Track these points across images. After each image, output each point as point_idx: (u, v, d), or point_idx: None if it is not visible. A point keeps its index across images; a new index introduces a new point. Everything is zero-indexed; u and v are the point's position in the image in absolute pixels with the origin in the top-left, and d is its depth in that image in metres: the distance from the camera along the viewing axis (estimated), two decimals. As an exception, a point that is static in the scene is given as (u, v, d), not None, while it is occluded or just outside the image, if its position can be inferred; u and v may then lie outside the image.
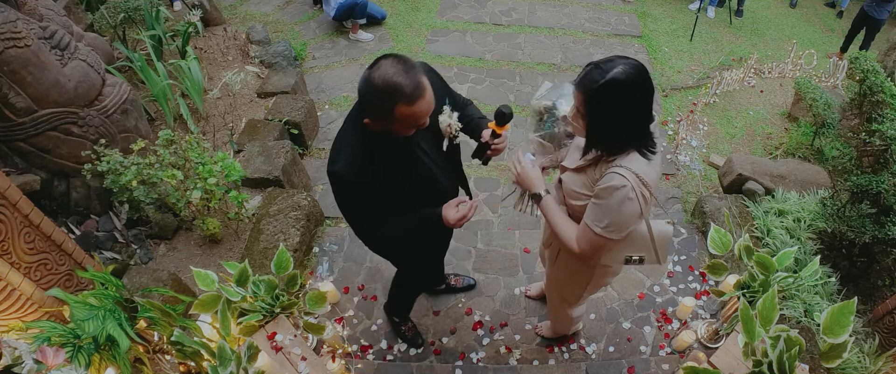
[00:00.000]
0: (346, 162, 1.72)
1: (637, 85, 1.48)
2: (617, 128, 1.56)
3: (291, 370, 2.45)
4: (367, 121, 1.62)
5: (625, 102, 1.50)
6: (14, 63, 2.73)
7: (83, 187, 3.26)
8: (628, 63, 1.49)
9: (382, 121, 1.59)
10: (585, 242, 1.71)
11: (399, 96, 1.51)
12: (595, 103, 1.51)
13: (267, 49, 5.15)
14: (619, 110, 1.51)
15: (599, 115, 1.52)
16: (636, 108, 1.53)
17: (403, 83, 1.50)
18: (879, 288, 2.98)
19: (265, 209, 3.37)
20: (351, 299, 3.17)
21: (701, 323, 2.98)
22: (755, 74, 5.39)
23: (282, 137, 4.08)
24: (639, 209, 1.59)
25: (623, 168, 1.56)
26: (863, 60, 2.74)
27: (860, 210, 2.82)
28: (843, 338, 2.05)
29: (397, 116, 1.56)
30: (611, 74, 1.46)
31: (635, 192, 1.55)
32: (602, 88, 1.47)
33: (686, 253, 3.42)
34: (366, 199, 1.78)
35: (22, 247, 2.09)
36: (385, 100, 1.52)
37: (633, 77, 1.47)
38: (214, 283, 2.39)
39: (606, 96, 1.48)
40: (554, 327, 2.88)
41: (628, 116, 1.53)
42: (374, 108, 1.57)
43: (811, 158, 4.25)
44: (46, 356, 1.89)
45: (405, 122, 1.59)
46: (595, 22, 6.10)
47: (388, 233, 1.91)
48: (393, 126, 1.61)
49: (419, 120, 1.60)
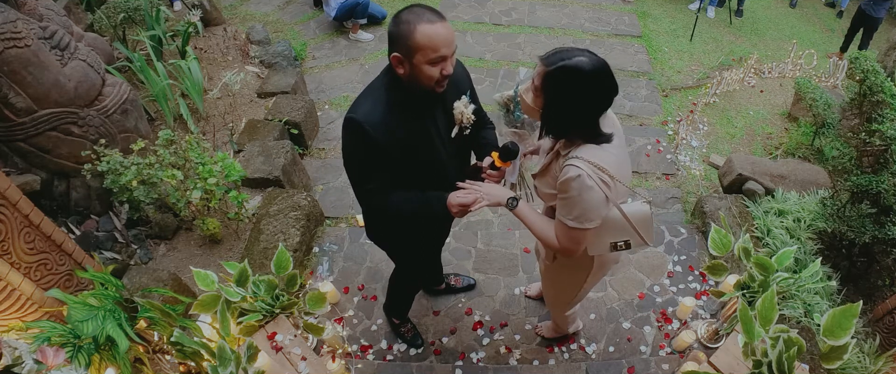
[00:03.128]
0: (367, 111, 1.74)
1: (595, 78, 1.56)
2: (565, 113, 1.63)
3: (291, 370, 2.45)
4: (394, 56, 1.68)
5: (578, 90, 1.57)
6: (14, 63, 2.73)
7: (83, 187, 3.26)
8: (595, 58, 1.57)
9: (407, 51, 1.64)
10: (563, 236, 1.77)
11: (422, 17, 1.62)
12: (551, 81, 1.58)
13: (267, 49, 5.15)
14: (571, 96, 1.59)
15: (552, 94, 1.60)
16: (588, 100, 1.60)
17: (426, 10, 1.65)
18: (879, 288, 2.98)
19: (265, 209, 3.37)
20: (351, 299, 3.17)
21: (701, 323, 2.98)
22: (755, 74, 5.39)
23: (282, 137, 4.08)
24: (601, 195, 1.64)
25: (576, 158, 1.64)
26: (863, 60, 2.74)
27: (860, 210, 2.82)
28: (845, 340, 2.04)
29: (419, 40, 1.61)
30: (575, 60, 1.54)
31: (592, 179, 1.61)
32: (561, 68, 1.55)
33: (686, 253, 3.42)
34: (377, 155, 1.77)
35: (22, 247, 2.09)
36: (409, 22, 1.62)
37: (594, 70, 1.55)
38: (214, 283, 2.39)
39: (563, 78, 1.56)
40: (555, 326, 2.88)
41: (578, 106, 1.61)
42: (399, 34, 1.64)
43: (811, 158, 4.25)
44: (46, 356, 1.89)
45: (426, 50, 1.63)
46: (595, 22, 6.10)
47: (397, 204, 1.89)
48: (416, 58, 1.65)
49: (439, 50, 1.64)
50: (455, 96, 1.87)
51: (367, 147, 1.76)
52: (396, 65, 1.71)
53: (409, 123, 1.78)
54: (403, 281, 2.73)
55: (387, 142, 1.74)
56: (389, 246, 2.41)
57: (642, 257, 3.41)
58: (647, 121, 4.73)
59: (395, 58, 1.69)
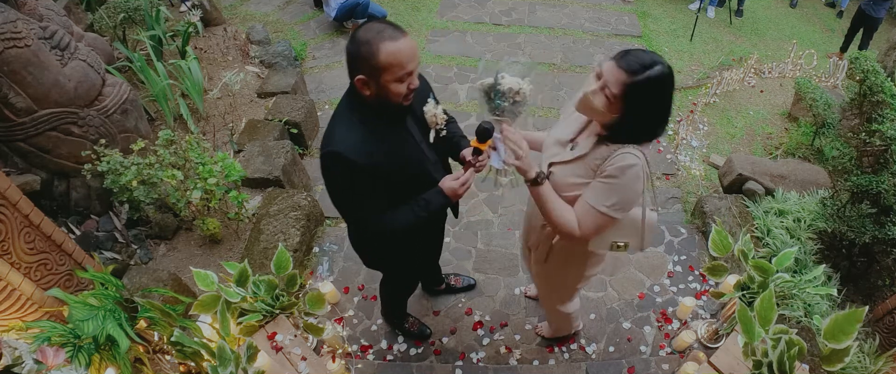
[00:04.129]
0: (343, 139, 1.67)
1: (672, 84, 1.58)
2: (651, 121, 1.64)
3: (291, 370, 2.45)
4: (360, 79, 1.61)
5: (665, 99, 1.59)
6: (14, 63, 2.73)
7: (83, 186, 3.26)
8: (664, 63, 1.56)
9: (372, 72, 1.58)
10: (589, 222, 1.73)
11: (383, 35, 1.55)
12: (639, 92, 1.54)
13: (267, 49, 5.15)
14: (659, 105, 1.60)
15: (640, 104, 1.57)
16: (669, 106, 1.62)
17: (385, 25, 1.58)
18: (879, 288, 2.98)
19: (265, 209, 3.37)
20: (351, 299, 3.17)
21: (701, 323, 2.98)
22: (755, 74, 5.39)
23: (282, 137, 4.08)
24: (642, 190, 1.68)
25: (634, 148, 1.65)
26: (863, 60, 2.74)
27: (860, 210, 2.82)
28: (847, 344, 2.01)
29: (384, 60, 1.55)
30: (657, 68, 1.51)
31: (643, 172, 1.65)
32: (651, 79, 1.52)
33: (686, 253, 3.42)
34: (366, 181, 1.71)
35: (22, 247, 2.09)
36: (370, 42, 1.55)
37: (671, 79, 1.56)
38: (214, 283, 2.39)
39: (654, 89, 1.54)
40: (554, 327, 2.88)
41: (663, 114, 1.63)
42: (360, 56, 1.57)
43: (811, 158, 4.25)
44: (46, 356, 1.89)
45: (393, 69, 1.57)
46: (595, 22, 6.10)
47: (395, 220, 1.82)
48: (383, 78, 1.59)
49: (405, 67, 1.58)
50: (421, 103, 1.83)
51: (353, 175, 1.69)
52: (361, 87, 1.64)
53: (388, 141, 1.74)
54: (395, 290, 2.72)
55: (371, 165, 1.68)
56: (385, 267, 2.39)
57: (642, 258, 3.41)
58: (647, 121, 4.73)
59: (360, 81, 1.61)
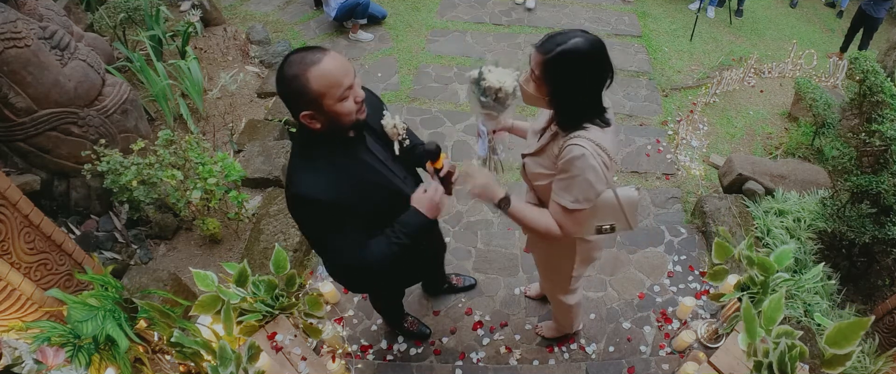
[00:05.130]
0: (306, 180, 1.61)
1: (595, 56, 1.57)
2: (574, 97, 1.63)
3: (291, 370, 2.45)
4: (305, 115, 1.55)
5: (582, 72, 1.58)
6: (14, 63, 2.73)
7: (83, 186, 3.26)
8: (587, 36, 1.56)
9: (312, 104, 1.52)
10: (565, 220, 1.76)
11: (304, 63, 1.48)
12: (553, 68, 1.57)
13: (267, 49, 5.15)
14: (576, 79, 1.59)
15: (557, 80, 1.60)
16: (592, 79, 1.61)
17: (304, 53, 1.50)
18: (879, 288, 2.98)
19: (265, 209, 3.37)
20: (351, 299, 3.17)
21: (701, 323, 2.98)
22: (755, 73, 5.39)
23: (282, 137, 4.09)
24: (602, 175, 1.66)
25: (579, 137, 1.65)
26: (863, 60, 2.74)
27: (860, 210, 2.82)
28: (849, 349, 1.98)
29: (317, 86, 1.48)
30: (571, 42, 1.54)
31: (596, 158, 1.63)
32: (561, 53, 1.54)
33: (686, 253, 3.42)
34: (336, 218, 1.64)
35: (22, 247, 2.09)
36: (297, 76, 1.48)
37: (592, 48, 1.55)
38: (214, 283, 2.39)
39: (565, 62, 1.56)
40: (556, 325, 2.88)
41: (585, 87, 1.62)
42: (294, 93, 1.50)
43: (811, 158, 4.25)
44: (46, 356, 1.89)
45: (331, 91, 1.50)
46: (595, 22, 6.10)
47: (375, 254, 1.72)
48: (326, 104, 1.52)
49: (342, 84, 1.51)
50: (377, 117, 1.78)
51: (321, 215, 1.64)
52: (310, 123, 1.56)
53: (352, 172, 1.68)
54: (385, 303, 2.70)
55: (337, 201, 1.61)
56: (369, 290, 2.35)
57: (642, 257, 3.41)
58: (647, 121, 4.73)
59: (306, 116, 1.55)
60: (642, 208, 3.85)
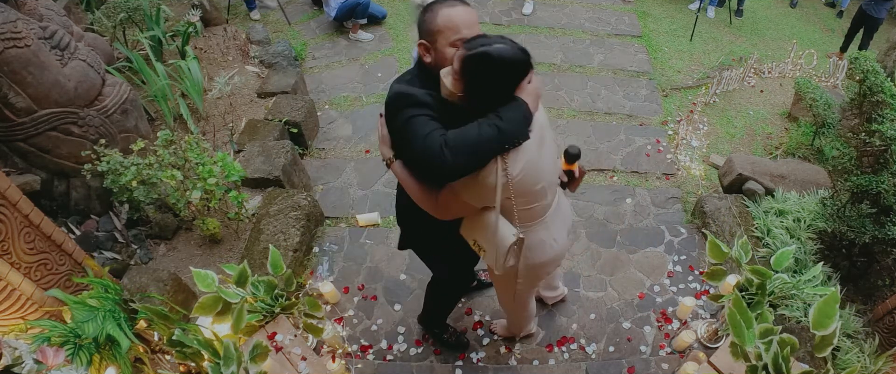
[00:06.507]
0: (405, 81, 1.81)
1: (514, 66, 1.63)
2: (485, 98, 1.67)
3: (291, 370, 2.46)
4: (421, 44, 1.75)
5: (492, 76, 1.62)
6: (14, 63, 2.73)
7: (83, 187, 3.26)
8: (514, 46, 1.62)
9: (429, 36, 1.72)
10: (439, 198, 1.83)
11: (444, 2, 1.71)
12: (469, 65, 1.62)
13: (267, 49, 5.15)
14: (489, 81, 1.63)
15: (470, 78, 1.64)
16: (505, 85, 1.66)
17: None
18: (879, 288, 2.98)
19: (265, 209, 3.37)
20: (351, 299, 3.17)
21: (701, 323, 2.98)
22: (755, 73, 5.39)
23: (282, 137, 4.09)
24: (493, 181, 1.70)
25: None
26: (863, 60, 2.73)
27: (860, 210, 2.82)
28: (832, 328, 2.10)
29: (440, 22, 1.69)
30: (495, 47, 1.59)
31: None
32: (482, 54, 1.59)
33: (686, 253, 3.42)
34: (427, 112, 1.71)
35: (22, 247, 2.09)
36: (432, 8, 1.71)
37: (512, 57, 1.61)
38: (214, 283, 2.39)
39: (479, 63, 1.60)
40: (509, 325, 2.87)
41: (496, 91, 1.66)
42: (423, 22, 1.73)
43: (811, 158, 4.25)
44: (46, 355, 1.89)
45: (447, 32, 1.68)
46: (595, 22, 6.10)
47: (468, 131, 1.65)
48: (438, 42, 1.70)
49: (461, 29, 1.68)
50: None
51: (413, 107, 1.73)
52: (423, 53, 1.76)
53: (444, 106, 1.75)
54: (451, 290, 2.62)
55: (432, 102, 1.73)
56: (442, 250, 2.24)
57: (642, 257, 3.41)
58: (647, 121, 4.73)
59: (422, 46, 1.75)
60: (642, 209, 3.85)
